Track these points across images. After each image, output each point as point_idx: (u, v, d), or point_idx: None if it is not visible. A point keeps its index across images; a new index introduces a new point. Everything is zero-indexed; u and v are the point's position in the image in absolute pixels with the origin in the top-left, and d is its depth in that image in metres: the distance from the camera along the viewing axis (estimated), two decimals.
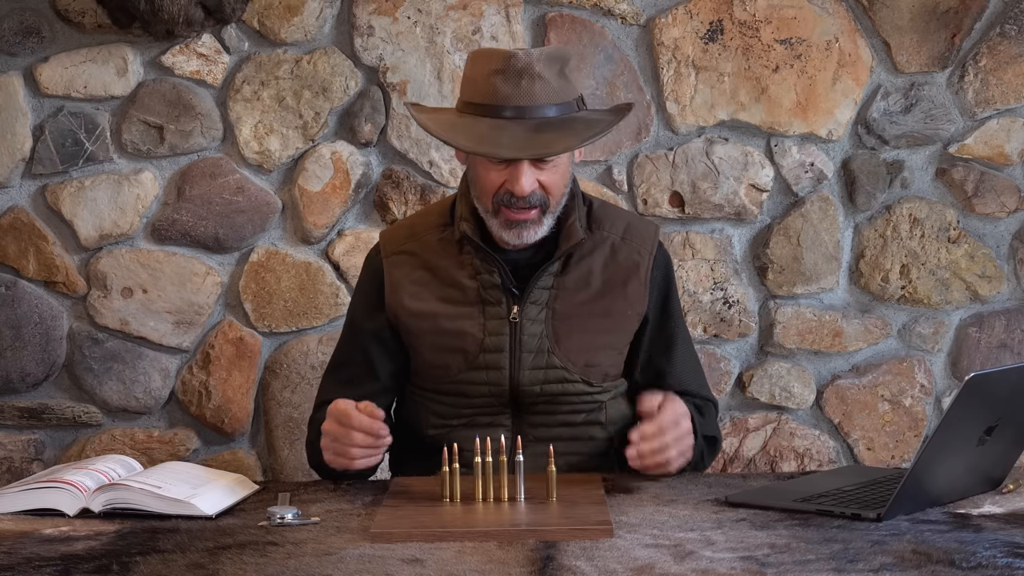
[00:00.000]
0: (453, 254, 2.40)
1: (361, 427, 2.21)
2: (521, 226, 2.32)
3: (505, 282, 2.36)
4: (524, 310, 2.35)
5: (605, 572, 1.74)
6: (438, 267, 2.40)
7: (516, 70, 2.27)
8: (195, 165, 3.24)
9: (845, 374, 3.32)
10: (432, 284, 2.39)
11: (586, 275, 2.39)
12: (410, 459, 2.46)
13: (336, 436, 2.23)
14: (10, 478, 3.04)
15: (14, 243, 3.24)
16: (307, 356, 3.26)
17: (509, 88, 2.27)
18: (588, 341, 2.38)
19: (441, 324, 2.38)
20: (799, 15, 3.25)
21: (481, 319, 2.37)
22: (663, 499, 2.14)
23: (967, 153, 3.29)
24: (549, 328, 2.36)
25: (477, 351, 2.36)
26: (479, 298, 2.37)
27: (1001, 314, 3.33)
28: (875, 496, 2.09)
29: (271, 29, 3.22)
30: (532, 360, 2.36)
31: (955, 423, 1.98)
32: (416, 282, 2.40)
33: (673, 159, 3.26)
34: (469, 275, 2.38)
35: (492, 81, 2.28)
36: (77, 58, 3.21)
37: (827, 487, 2.17)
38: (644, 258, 2.42)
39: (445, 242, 2.42)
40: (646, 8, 3.26)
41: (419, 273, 2.41)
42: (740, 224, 3.29)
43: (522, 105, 2.27)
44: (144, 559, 1.83)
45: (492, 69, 2.29)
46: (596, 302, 2.39)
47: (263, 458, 3.28)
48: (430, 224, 2.47)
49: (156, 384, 3.27)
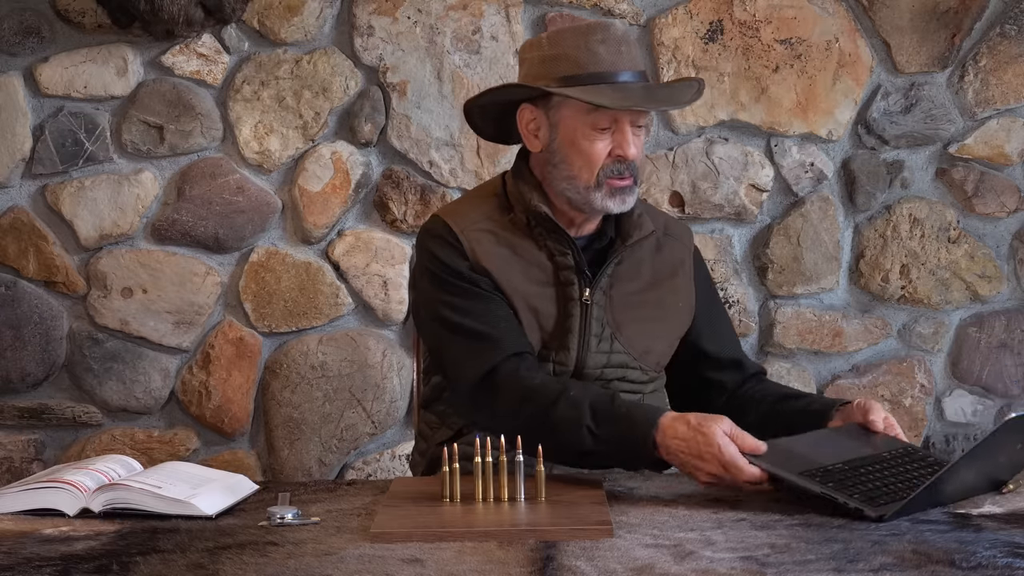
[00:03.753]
0: (527, 235, 2.42)
1: (751, 479, 2.11)
2: (624, 192, 2.38)
3: (579, 264, 2.40)
4: (594, 294, 2.39)
5: (605, 572, 1.74)
6: (517, 245, 2.41)
7: (616, 39, 2.38)
8: (195, 165, 3.24)
9: (845, 374, 3.32)
10: (514, 261, 2.40)
11: (637, 265, 2.45)
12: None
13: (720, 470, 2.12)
14: (10, 478, 3.04)
15: (14, 243, 3.24)
16: (307, 356, 3.26)
17: (614, 56, 2.37)
18: (645, 329, 2.43)
19: (527, 300, 2.39)
20: (799, 15, 3.25)
21: (558, 299, 2.40)
22: (663, 499, 2.14)
23: (967, 153, 3.29)
24: (610, 315, 2.41)
25: (553, 330, 2.39)
26: (556, 279, 2.41)
27: (1001, 314, 3.33)
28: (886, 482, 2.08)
29: (271, 29, 3.22)
30: (598, 344, 2.39)
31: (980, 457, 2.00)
32: (500, 257, 2.40)
33: (673, 159, 3.26)
34: (545, 256, 2.41)
35: (596, 50, 2.37)
36: (77, 58, 3.21)
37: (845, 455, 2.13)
38: (686, 255, 2.51)
39: (515, 224, 2.43)
40: (646, 8, 3.26)
41: (500, 250, 2.41)
42: (740, 224, 3.29)
43: (632, 69, 2.38)
44: (144, 559, 1.83)
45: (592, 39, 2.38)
46: (648, 292, 2.45)
47: (263, 458, 3.28)
48: (493, 206, 2.46)
49: (156, 384, 3.27)
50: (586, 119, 2.34)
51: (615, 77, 2.35)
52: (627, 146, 2.34)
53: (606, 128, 2.35)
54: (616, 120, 2.34)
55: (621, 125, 2.34)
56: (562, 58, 2.38)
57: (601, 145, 2.36)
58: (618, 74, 2.35)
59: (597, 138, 2.36)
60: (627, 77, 2.35)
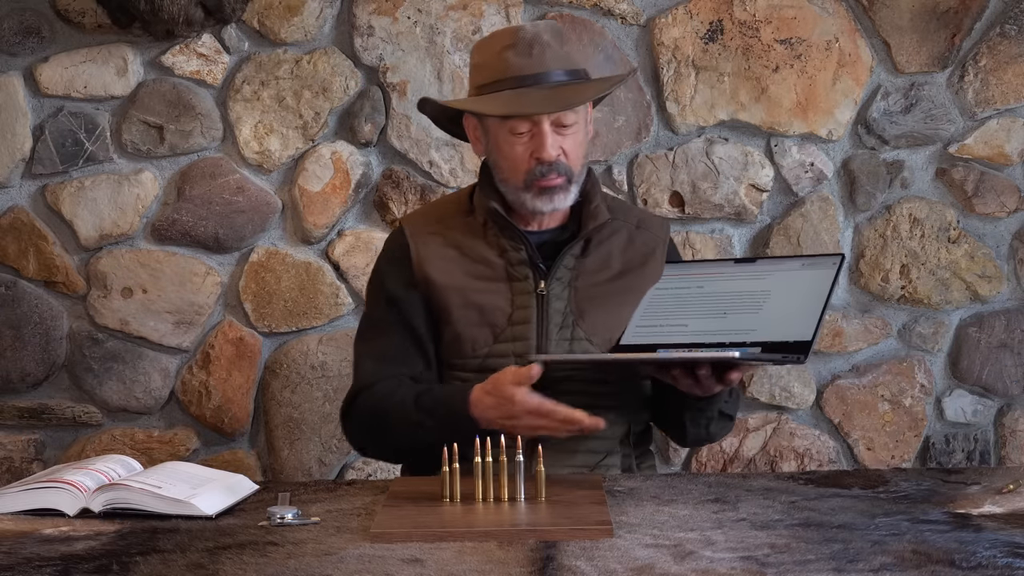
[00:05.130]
0: (479, 235, 2.48)
1: (565, 417, 2.24)
2: (552, 192, 2.41)
3: (532, 257, 2.43)
4: (550, 285, 2.41)
5: (605, 572, 1.74)
6: (465, 245, 2.47)
7: (526, 42, 2.40)
8: (195, 165, 3.24)
9: (845, 374, 3.32)
10: (460, 260, 2.46)
11: (606, 258, 2.48)
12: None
13: (541, 418, 2.25)
14: (10, 478, 3.04)
15: (14, 243, 3.24)
16: (307, 356, 3.26)
17: (523, 60, 2.39)
18: (610, 316, 2.45)
19: (470, 297, 2.44)
20: (799, 15, 3.25)
21: (508, 293, 2.44)
22: (663, 499, 2.14)
23: (967, 153, 3.29)
24: (572, 304, 2.44)
25: (504, 324, 2.42)
26: (506, 274, 2.45)
27: (1001, 314, 3.33)
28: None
29: (271, 29, 3.22)
30: (558, 333, 2.41)
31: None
32: (444, 258, 2.47)
33: (673, 159, 3.26)
34: (496, 253, 2.46)
35: (505, 56, 2.40)
36: (77, 58, 3.21)
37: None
38: (659, 244, 2.53)
39: (469, 225, 2.49)
40: (646, 8, 3.26)
41: (446, 251, 2.47)
42: (740, 224, 3.29)
43: (537, 72, 2.39)
44: (144, 559, 1.83)
45: (503, 46, 2.41)
46: (616, 281, 2.48)
47: (263, 458, 3.28)
48: (452, 210, 2.55)
49: (156, 384, 3.27)
50: (503, 125, 2.40)
51: (523, 81, 2.38)
52: (543, 148, 2.37)
53: (523, 132, 2.39)
54: (534, 123, 2.38)
55: (539, 127, 2.38)
56: (480, 67, 2.46)
57: (521, 149, 2.40)
58: (523, 79, 2.38)
59: (516, 142, 2.40)
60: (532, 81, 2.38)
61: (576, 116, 2.40)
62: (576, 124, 2.41)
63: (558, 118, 2.38)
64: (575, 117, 2.40)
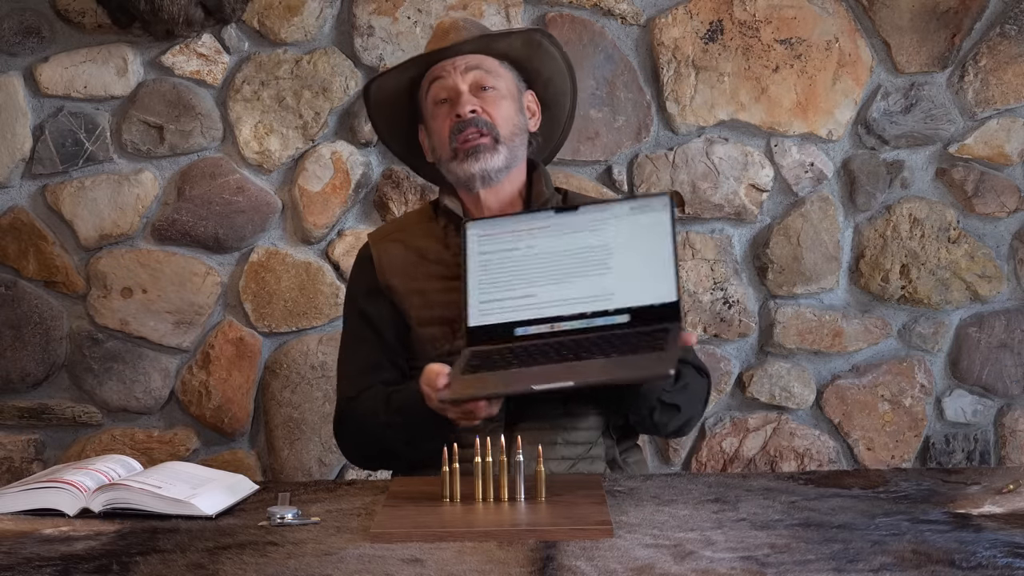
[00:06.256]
0: (439, 237, 2.51)
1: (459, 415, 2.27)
2: (478, 152, 2.43)
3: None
4: None
5: (605, 572, 1.74)
6: (424, 248, 2.51)
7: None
8: (195, 165, 3.24)
9: (845, 374, 3.32)
10: (420, 264, 2.49)
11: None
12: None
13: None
14: (10, 478, 3.04)
15: (14, 243, 3.24)
16: (307, 356, 3.26)
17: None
18: None
19: (429, 298, 2.47)
20: (799, 15, 3.25)
21: None
22: (663, 499, 2.14)
23: (967, 153, 3.29)
24: None
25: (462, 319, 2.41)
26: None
27: (1001, 314, 3.33)
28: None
29: (271, 29, 3.22)
30: None
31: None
32: (405, 263, 2.51)
33: (673, 159, 3.26)
34: (453, 253, 2.47)
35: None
36: (77, 58, 3.21)
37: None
38: None
39: (430, 230, 2.53)
40: (646, 8, 3.26)
41: (407, 256, 2.51)
42: (740, 224, 3.29)
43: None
44: (144, 559, 1.83)
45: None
46: None
47: (263, 458, 3.28)
48: (415, 219, 2.61)
49: (156, 384, 3.27)
50: (428, 99, 2.47)
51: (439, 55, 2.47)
52: (460, 105, 2.42)
53: (444, 100, 2.45)
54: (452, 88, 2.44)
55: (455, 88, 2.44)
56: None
57: (442, 117, 2.46)
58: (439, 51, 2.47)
59: (439, 112, 2.46)
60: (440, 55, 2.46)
61: (495, 80, 2.45)
62: (495, 89, 2.45)
63: (476, 80, 2.43)
64: (493, 81, 2.45)
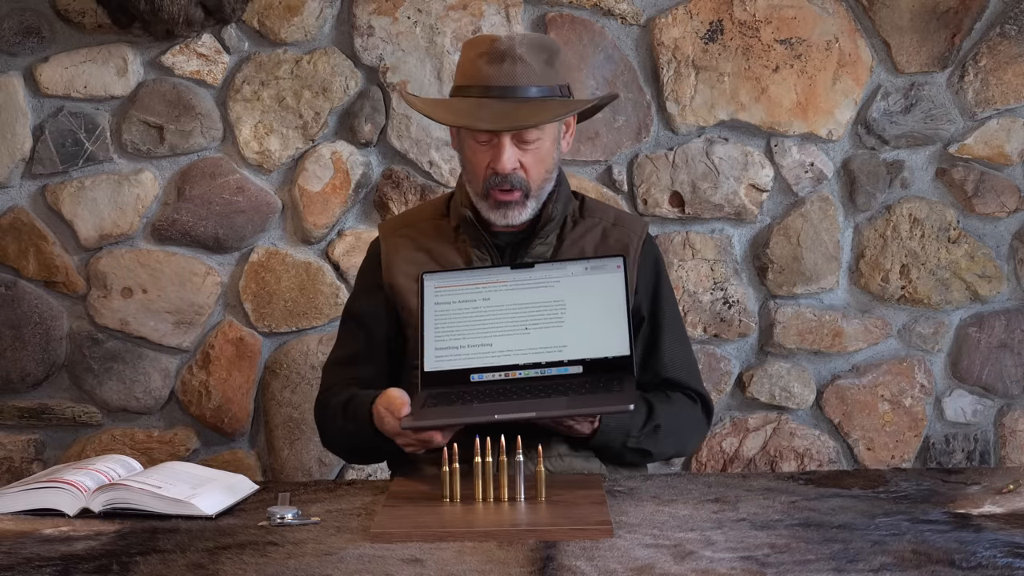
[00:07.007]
0: (449, 239, 2.50)
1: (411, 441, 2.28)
2: (507, 207, 2.42)
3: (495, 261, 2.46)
4: None
5: (605, 572, 1.74)
6: (433, 249, 2.50)
7: (499, 52, 2.39)
8: (195, 165, 3.24)
9: (845, 374, 3.32)
10: (427, 264, 2.48)
11: (578, 255, 2.48)
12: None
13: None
14: (10, 478, 3.04)
15: (14, 243, 3.24)
16: (307, 356, 3.26)
17: (492, 69, 2.39)
18: None
19: None
20: (799, 15, 3.25)
21: None
22: (663, 499, 2.14)
23: (967, 153, 3.29)
24: None
25: None
26: None
27: (1001, 314, 3.33)
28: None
29: (271, 29, 3.22)
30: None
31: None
32: (411, 261, 2.49)
33: (673, 159, 3.26)
34: (463, 258, 2.47)
35: (477, 64, 2.40)
36: (77, 58, 3.21)
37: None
38: (633, 240, 2.51)
39: (441, 229, 2.52)
40: (646, 8, 3.26)
41: (415, 254, 2.50)
42: (740, 224, 3.29)
43: (504, 85, 2.38)
44: (144, 559, 1.84)
45: (478, 53, 2.41)
46: None
47: (263, 458, 3.29)
48: (426, 214, 2.58)
49: (156, 384, 3.27)
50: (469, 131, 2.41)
51: (485, 92, 2.38)
52: (499, 160, 2.38)
53: (484, 141, 2.40)
54: (494, 134, 2.38)
55: (498, 139, 2.38)
56: (458, 68, 2.47)
57: (481, 156, 2.42)
58: (488, 89, 2.38)
59: (478, 149, 2.42)
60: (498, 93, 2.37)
61: (540, 132, 2.39)
62: (539, 140, 2.40)
63: (519, 133, 2.37)
64: (539, 133, 2.39)
